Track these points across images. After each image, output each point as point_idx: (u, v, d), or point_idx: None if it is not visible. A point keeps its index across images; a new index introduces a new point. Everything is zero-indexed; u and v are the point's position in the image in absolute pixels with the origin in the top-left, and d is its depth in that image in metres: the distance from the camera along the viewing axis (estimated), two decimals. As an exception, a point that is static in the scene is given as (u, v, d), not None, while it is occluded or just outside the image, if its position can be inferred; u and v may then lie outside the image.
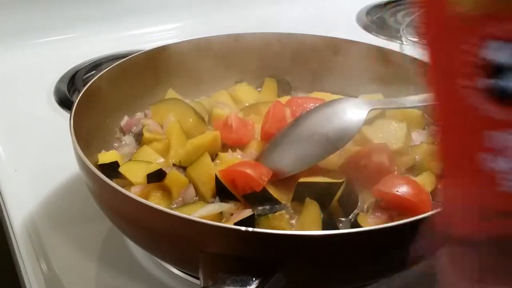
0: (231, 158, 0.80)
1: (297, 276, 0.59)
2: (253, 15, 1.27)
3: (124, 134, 0.90)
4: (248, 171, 0.73)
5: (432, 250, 0.67)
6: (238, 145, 0.84)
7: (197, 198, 0.76)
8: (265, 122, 0.85)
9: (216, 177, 0.74)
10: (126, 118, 0.90)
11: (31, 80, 1.18)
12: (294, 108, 0.88)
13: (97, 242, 0.78)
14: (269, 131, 0.84)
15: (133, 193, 0.67)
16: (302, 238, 0.57)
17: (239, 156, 0.81)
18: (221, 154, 0.82)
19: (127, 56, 0.92)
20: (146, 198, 0.74)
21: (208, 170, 0.76)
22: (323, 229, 0.67)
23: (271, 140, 0.81)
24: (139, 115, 0.93)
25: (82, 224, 0.81)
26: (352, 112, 0.77)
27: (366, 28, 1.46)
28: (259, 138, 0.85)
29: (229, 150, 0.82)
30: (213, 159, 0.80)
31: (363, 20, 1.52)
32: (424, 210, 0.64)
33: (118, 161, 0.79)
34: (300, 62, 1.01)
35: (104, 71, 0.86)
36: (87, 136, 0.77)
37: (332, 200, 0.72)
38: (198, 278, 0.57)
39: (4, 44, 1.26)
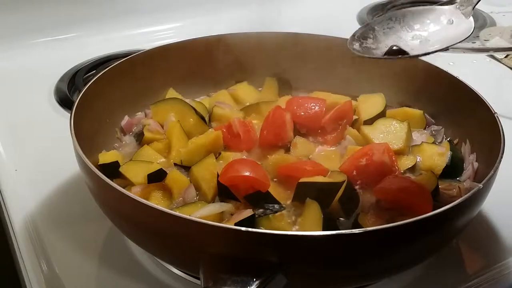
0: (235, 158, 0.80)
1: (298, 276, 0.59)
2: (253, 15, 1.26)
3: (125, 134, 0.90)
4: (252, 174, 0.73)
5: (433, 250, 0.67)
6: (243, 150, 0.84)
7: (197, 198, 0.76)
8: (264, 128, 0.85)
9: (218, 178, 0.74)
10: (126, 118, 0.90)
11: (31, 80, 1.18)
12: (294, 107, 0.89)
13: (97, 242, 0.78)
14: (267, 138, 0.84)
15: (133, 193, 0.67)
16: (303, 238, 0.57)
17: (244, 157, 0.81)
18: (224, 154, 0.82)
19: (127, 56, 0.91)
20: (147, 198, 0.74)
21: (212, 170, 0.76)
22: (324, 229, 0.67)
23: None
24: (139, 115, 0.93)
25: (83, 224, 0.81)
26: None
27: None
28: (258, 143, 0.85)
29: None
30: (215, 158, 0.80)
31: (364, 19, 1.51)
32: (425, 210, 0.64)
33: (119, 161, 0.79)
34: (300, 62, 1.01)
35: (104, 70, 0.86)
36: (88, 136, 0.77)
37: (332, 200, 0.72)
38: (198, 279, 0.57)
39: (4, 44, 1.25)
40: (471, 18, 0.71)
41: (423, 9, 0.73)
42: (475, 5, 0.72)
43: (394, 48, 0.68)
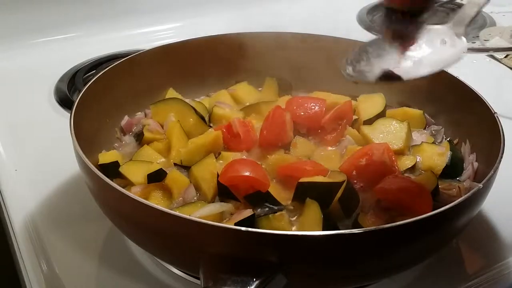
0: (235, 158, 0.80)
1: (298, 276, 0.59)
2: (253, 15, 1.26)
3: (125, 134, 0.90)
4: (252, 174, 0.73)
5: (433, 250, 0.67)
6: (243, 150, 0.84)
7: (197, 197, 0.76)
8: (264, 128, 0.85)
9: (218, 178, 0.74)
10: (126, 118, 0.90)
11: (31, 80, 1.18)
12: (294, 107, 0.89)
13: (97, 242, 0.78)
14: (267, 138, 0.84)
15: (133, 193, 0.67)
16: (303, 238, 0.57)
17: (244, 157, 0.81)
18: (224, 154, 0.82)
19: (127, 56, 0.91)
20: (147, 198, 0.74)
21: (212, 170, 0.77)
22: (324, 229, 0.67)
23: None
24: (139, 114, 0.93)
25: (82, 224, 0.81)
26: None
27: (367, 27, 1.46)
28: (258, 143, 0.85)
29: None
30: (215, 158, 0.80)
31: (364, 19, 1.52)
32: (425, 210, 0.64)
33: (119, 161, 0.79)
34: (300, 62, 1.01)
35: (104, 70, 0.86)
36: (88, 136, 0.77)
37: (332, 200, 0.72)
38: (198, 279, 0.57)
39: (4, 44, 1.26)
40: (464, 38, 0.71)
41: None
42: (467, 25, 0.71)
43: (387, 71, 0.68)
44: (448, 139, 0.89)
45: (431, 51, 0.70)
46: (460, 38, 0.71)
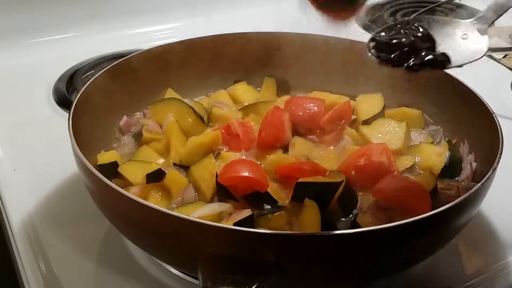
0: (234, 158, 0.80)
1: (296, 276, 0.59)
2: (252, 15, 1.26)
3: (123, 134, 0.90)
4: (251, 174, 0.73)
5: (432, 250, 0.67)
6: (242, 150, 0.84)
7: (196, 198, 0.76)
8: (262, 129, 0.85)
9: (217, 178, 0.74)
10: (125, 118, 0.90)
11: (30, 80, 1.18)
12: (293, 107, 0.89)
13: (96, 242, 0.78)
14: (265, 139, 0.84)
15: (132, 193, 0.67)
16: (301, 238, 0.57)
17: (243, 157, 0.81)
18: (223, 154, 0.82)
19: (126, 56, 0.91)
20: (145, 198, 0.74)
21: (211, 170, 0.77)
22: (322, 229, 0.67)
23: None
24: (138, 115, 0.93)
25: (81, 224, 0.81)
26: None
27: (365, 27, 1.46)
28: (256, 144, 0.85)
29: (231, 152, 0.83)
30: (214, 158, 0.80)
31: (362, 19, 1.51)
32: (423, 210, 0.64)
33: (117, 161, 0.79)
34: (299, 62, 1.01)
35: (103, 70, 0.86)
36: (86, 136, 0.77)
37: (331, 200, 0.72)
38: (197, 279, 0.57)
39: (3, 44, 1.25)
40: (486, 37, 0.69)
41: (444, 21, 0.72)
42: (491, 23, 0.70)
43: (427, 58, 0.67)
44: (446, 139, 0.89)
45: (452, 44, 0.69)
46: (483, 35, 0.70)
